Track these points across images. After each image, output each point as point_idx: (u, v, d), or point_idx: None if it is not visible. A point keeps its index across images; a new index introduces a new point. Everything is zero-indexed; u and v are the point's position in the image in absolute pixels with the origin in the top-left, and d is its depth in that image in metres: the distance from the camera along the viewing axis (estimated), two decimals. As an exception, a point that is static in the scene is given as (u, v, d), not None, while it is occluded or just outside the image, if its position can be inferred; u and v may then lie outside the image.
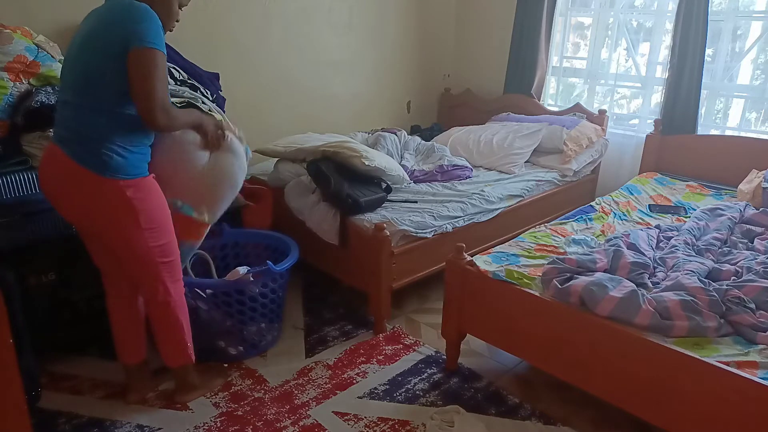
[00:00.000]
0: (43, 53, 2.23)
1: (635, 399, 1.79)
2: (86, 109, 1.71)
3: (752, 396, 1.53)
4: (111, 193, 1.73)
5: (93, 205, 1.76)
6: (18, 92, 2.13)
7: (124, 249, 1.84)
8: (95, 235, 1.90)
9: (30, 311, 2.06)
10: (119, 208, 1.75)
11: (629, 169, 3.72)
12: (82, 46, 1.72)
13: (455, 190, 2.98)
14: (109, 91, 1.69)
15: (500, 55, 4.11)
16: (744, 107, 3.42)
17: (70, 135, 1.73)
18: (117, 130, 1.72)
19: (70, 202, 1.80)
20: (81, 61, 1.71)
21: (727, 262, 2.21)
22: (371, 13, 3.82)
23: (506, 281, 2.07)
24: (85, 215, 1.82)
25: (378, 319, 2.57)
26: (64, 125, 1.75)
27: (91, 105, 1.70)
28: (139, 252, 1.83)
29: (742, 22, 3.31)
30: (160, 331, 2.01)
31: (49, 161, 1.78)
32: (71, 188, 1.76)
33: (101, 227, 1.82)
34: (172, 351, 2.04)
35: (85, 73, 1.70)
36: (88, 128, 1.71)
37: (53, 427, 1.98)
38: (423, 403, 2.13)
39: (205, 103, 2.66)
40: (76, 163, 1.70)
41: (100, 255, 1.98)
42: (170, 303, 1.95)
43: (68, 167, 1.71)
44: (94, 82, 1.69)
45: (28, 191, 2.08)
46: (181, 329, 2.01)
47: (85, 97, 1.70)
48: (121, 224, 1.78)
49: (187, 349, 2.05)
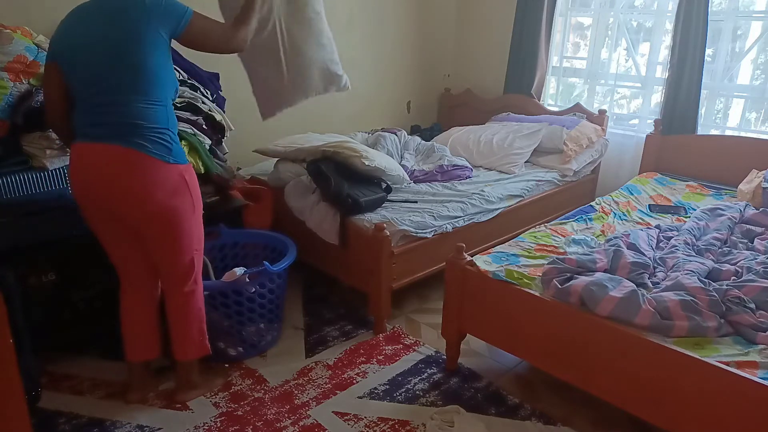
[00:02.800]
0: (43, 53, 2.22)
1: (635, 399, 1.79)
2: (142, 104, 1.77)
3: (752, 396, 1.53)
4: (174, 178, 1.84)
5: (155, 191, 1.81)
6: (18, 92, 2.13)
7: (172, 235, 1.89)
8: (138, 225, 1.89)
9: (30, 311, 2.05)
10: (178, 192, 1.86)
11: (629, 169, 3.72)
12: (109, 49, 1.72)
13: (455, 190, 2.98)
14: (166, 86, 1.82)
15: (500, 55, 4.11)
16: (744, 107, 3.42)
17: (119, 130, 1.76)
18: (170, 120, 1.85)
19: (122, 195, 1.81)
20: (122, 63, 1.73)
21: (727, 262, 2.21)
22: (371, 13, 3.82)
23: (506, 281, 2.07)
24: (137, 205, 1.82)
25: (378, 319, 2.57)
26: (106, 122, 1.77)
27: (146, 99, 1.77)
28: (185, 238, 1.92)
29: (742, 22, 3.31)
30: (183, 322, 2.04)
31: (93, 159, 1.79)
32: (130, 179, 1.78)
33: (155, 214, 1.84)
34: (191, 342, 2.06)
35: (134, 73, 1.74)
36: (148, 120, 1.77)
37: (53, 427, 1.98)
38: (423, 403, 2.13)
39: (205, 104, 2.67)
40: (139, 152, 1.76)
41: (126, 250, 1.99)
42: (195, 292, 2.03)
43: (127, 158, 1.76)
44: (147, 79, 1.76)
45: (28, 191, 2.08)
46: (202, 320, 2.08)
47: (139, 94, 1.76)
48: (178, 208, 1.87)
49: (206, 340, 2.10)
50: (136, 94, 1.76)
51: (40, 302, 2.18)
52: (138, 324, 2.08)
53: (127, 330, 2.08)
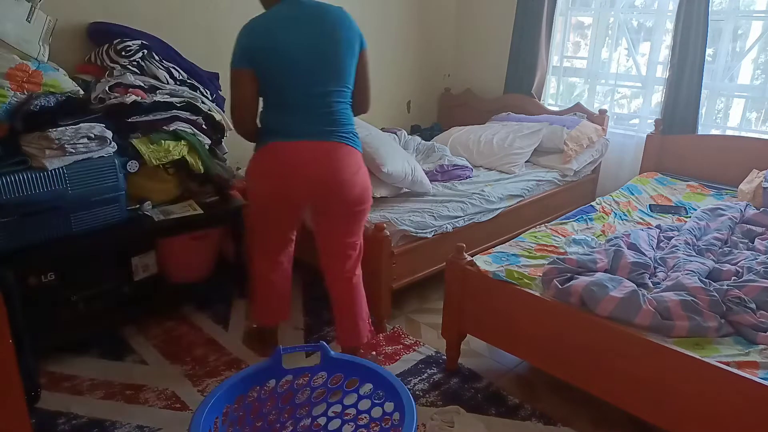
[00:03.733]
0: (45, 63, 2.22)
1: (635, 399, 1.79)
2: (343, 104, 1.99)
3: (752, 396, 1.53)
4: (363, 165, 2.07)
5: (359, 179, 2.02)
6: (17, 101, 2.12)
7: (357, 218, 2.09)
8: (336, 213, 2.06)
9: (30, 311, 2.06)
10: (367, 178, 2.08)
11: (630, 168, 3.72)
12: (322, 48, 1.91)
13: (455, 190, 2.97)
14: (351, 83, 2.01)
15: (500, 55, 4.11)
16: (744, 107, 3.42)
17: (332, 128, 1.96)
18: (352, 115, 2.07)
19: (338, 185, 1.97)
20: (333, 63, 1.93)
21: (727, 262, 2.20)
22: (372, 13, 3.82)
23: (506, 281, 2.06)
24: (347, 193, 1.99)
25: (378, 319, 2.56)
26: (320, 120, 1.95)
27: (343, 100, 1.99)
28: (362, 222, 2.13)
29: (743, 21, 3.30)
30: (357, 306, 2.20)
31: (310, 154, 1.94)
32: (345, 170, 1.97)
33: (356, 200, 2.03)
34: (363, 324, 2.23)
35: (339, 74, 1.95)
36: (347, 118, 2.01)
37: (53, 427, 1.98)
38: (423, 403, 2.13)
39: (204, 103, 2.67)
40: (349, 146, 1.99)
41: (293, 230, 2.22)
42: (361, 276, 2.22)
43: (342, 153, 1.97)
44: (347, 79, 1.98)
45: (28, 191, 2.07)
46: (366, 302, 2.25)
47: (341, 95, 1.98)
48: (368, 192, 2.09)
49: (371, 323, 2.30)
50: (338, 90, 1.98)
51: (40, 302, 2.18)
52: (283, 287, 2.31)
53: (267, 294, 2.30)
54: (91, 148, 2.19)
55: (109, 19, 2.63)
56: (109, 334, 2.48)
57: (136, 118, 2.41)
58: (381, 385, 1.57)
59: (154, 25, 2.73)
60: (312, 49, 1.90)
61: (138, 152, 2.37)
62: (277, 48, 1.89)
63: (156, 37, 2.64)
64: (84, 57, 2.59)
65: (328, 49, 1.92)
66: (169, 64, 2.62)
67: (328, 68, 1.94)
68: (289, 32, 1.90)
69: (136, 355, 2.39)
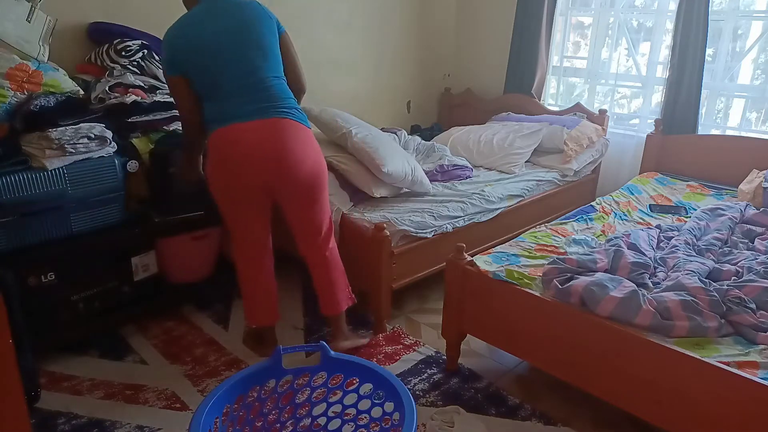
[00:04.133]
0: (45, 63, 2.22)
1: (635, 399, 1.79)
2: (277, 79, 2.05)
3: (752, 396, 1.53)
4: (313, 139, 2.10)
5: (310, 152, 2.06)
6: (17, 101, 2.12)
7: (315, 192, 2.12)
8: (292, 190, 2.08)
9: (30, 311, 2.06)
10: (319, 152, 2.11)
11: (630, 168, 3.72)
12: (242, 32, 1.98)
13: (455, 190, 2.97)
14: (279, 61, 2.08)
15: (500, 55, 4.10)
16: (744, 107, 3.42)
17: (269, 104, 2.00)
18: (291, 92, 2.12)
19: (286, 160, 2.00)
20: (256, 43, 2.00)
21: (727, 262, 2.20)
22: (371, 13, 3.82)
23: (506, 281, 2.06)
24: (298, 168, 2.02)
25: (378, 319, 2.56)
26: (256, 98, 1.99)
27: (276, 75, 2.06)
28: (325, 195, 2.17)
29: (743, 21, 3.30)
30: (331, 277, 2.28)
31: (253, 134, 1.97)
32: (292, 145, 2.00)
33: (309, 175, 2.06)
34: (341, 294, 2.31)
35: (265, 52, 2.02)
36: (285, 93, 2.06)
37: (53, 427, 1.98)
38: (423, 403, 2.13)
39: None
40: (292, 120, 2.02)
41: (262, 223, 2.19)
42: (335, 248, 2.30)
43: (286, 127, 2.00)
44: (274, 57, 2.06)
45: (28, 191, 2.07)
46: (344, 272, 2.33)
47: (272, 70, 2.04)
48: (322, 167, 2.11)
49: (350, 291, 2.36)
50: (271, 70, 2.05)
51: (40, 302, 2.18)
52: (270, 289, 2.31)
53: (257, 296, 2.30)
54: (91, 148, 2.20)
55: (109, 19, 2.63)
56: (109, 334, 2.48)
57: (136, 118, 2.41)
58: (381, 385, 1.57)
59: (155, 25, 2.72)
60: (232, 35, 1.98)
61: (138, 152, 2.37)
62: (198, 45, 1.97)
63: (156, 37, 2.64)
64: (84, 57, 2.59)
65: (248, 32, 2.00)
66: (169, 64, 2.61)
67: (252, 48, 2.00)
68: (206, 26, 1.98)
69: (136, 355, 2.39)
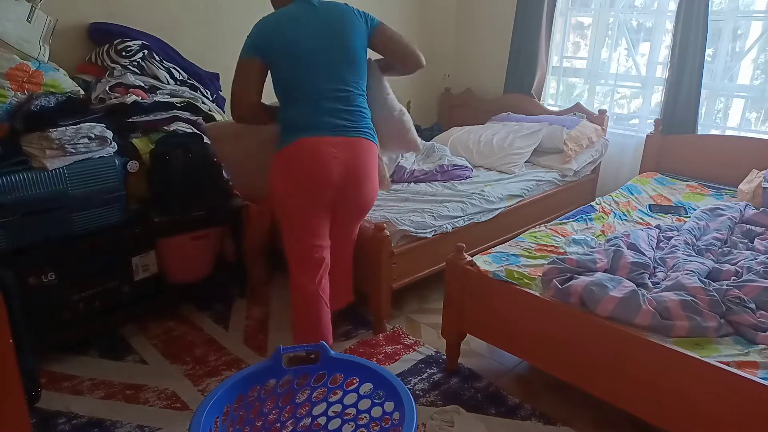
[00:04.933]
0: (46, 63, 2.22)
1: (635, 399, 1.79)
2: (362, 97, 2.09)
3: (752, 396, 1.53)
4: (378, 160, 2.18)
5: (374, 175, 2.14)
6: (17, 102, 2.12)
7: (364, 213, 2.26)
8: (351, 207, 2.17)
9: (30, 311, 2.05)
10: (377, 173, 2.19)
11: (629, 169, 3.72)
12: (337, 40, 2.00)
13: (455, 190, 2.98)
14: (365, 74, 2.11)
15: (500, 55, 4.11)
16: (744, 107, 3.42)
17: (353, 122, 2.03)
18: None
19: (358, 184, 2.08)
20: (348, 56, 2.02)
21: (727, 262, 2.21)
22: (371, 14, 3.81)
23: (506, 281, 2.06)
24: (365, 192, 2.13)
25: (378, 319, 2.57)
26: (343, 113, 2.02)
27: (362, 93, 2.09)
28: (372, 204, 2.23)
29: (743, 21, 3.30)
30: (349, 277, 2.44)
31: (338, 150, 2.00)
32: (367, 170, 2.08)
33: (369, 199, 2.17)
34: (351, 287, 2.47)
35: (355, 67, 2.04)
36: (366, 110, 2.10)
37: (53, 426, 1.98)
38: (423, 403, 2.13)
39: (205, 103, 2.67)
40: (369, 141, 2.08)
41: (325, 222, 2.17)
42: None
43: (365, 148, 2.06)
44: (363, 72, 2.09)
45: (28, 191, 2.07)
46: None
47: (359, 87, 2.07)
48: (377, 190, 2.21)
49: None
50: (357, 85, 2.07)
51: (40, 302, 2.18)
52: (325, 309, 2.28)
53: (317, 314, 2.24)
54: (91, 148, 2.20)
55: (110, 19, 2.63)
56: (109, 334, 2.48)
57: (137, 118, 2.41)
58: (381, 385, 1.57)
59: (155, 25, 2.73)
60: (328, 43, 1.99)
61: (138, 152, 2.37)
62: (290, 46, 1.96)
63: (156, 37, 2.65)
64: (84, 57, 2.59)
65: (343, 41, 2.01)
66: (169, 64, 2.62)
67: (345, 61, 2.02)
68: (300, 30, 1.97)
69: (136, 354, 2.39)
